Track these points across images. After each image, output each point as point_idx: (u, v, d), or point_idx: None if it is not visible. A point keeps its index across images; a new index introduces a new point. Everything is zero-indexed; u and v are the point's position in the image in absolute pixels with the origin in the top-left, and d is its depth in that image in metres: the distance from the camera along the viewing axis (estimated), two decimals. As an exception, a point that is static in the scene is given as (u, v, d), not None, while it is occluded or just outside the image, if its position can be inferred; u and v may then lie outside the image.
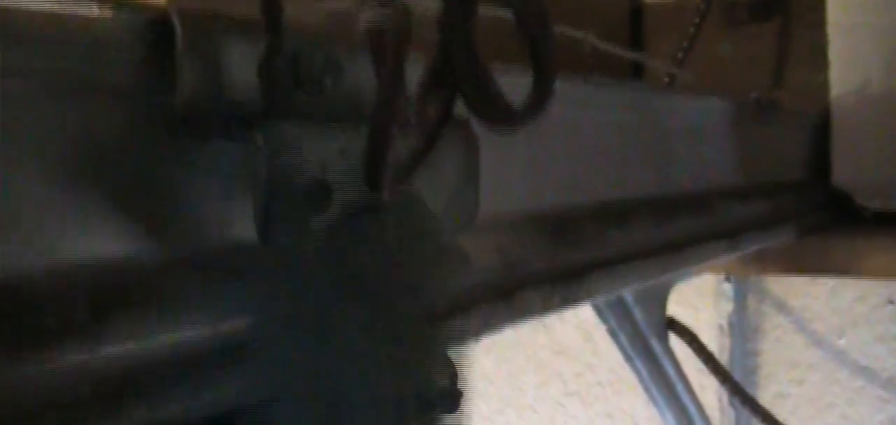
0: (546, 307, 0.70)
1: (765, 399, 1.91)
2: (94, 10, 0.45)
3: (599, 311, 1.46)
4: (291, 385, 0.47)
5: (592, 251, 0.81)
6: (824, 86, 1.58)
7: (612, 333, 1.51)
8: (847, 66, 1.57)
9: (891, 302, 1.87)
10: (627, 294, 1.46)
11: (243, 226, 0.50)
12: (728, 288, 1.99)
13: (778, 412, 1.74)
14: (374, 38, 0.45)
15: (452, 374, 0.54)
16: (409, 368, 0.51)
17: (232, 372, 0.47)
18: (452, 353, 0.55)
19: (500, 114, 0.46)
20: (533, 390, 2.24)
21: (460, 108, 0.51)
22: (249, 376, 0.48)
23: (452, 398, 0.52)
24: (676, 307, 1.64)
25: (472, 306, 0.63)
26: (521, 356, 2.24)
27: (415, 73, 0.47)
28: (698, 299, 2.01)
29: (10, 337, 0.40)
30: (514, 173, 0.77)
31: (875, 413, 1.91)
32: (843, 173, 1.56)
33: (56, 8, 0.44)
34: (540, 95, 0.45)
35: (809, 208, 1.45)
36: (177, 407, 0.44)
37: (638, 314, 1.50)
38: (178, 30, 0.46)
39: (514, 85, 0.51)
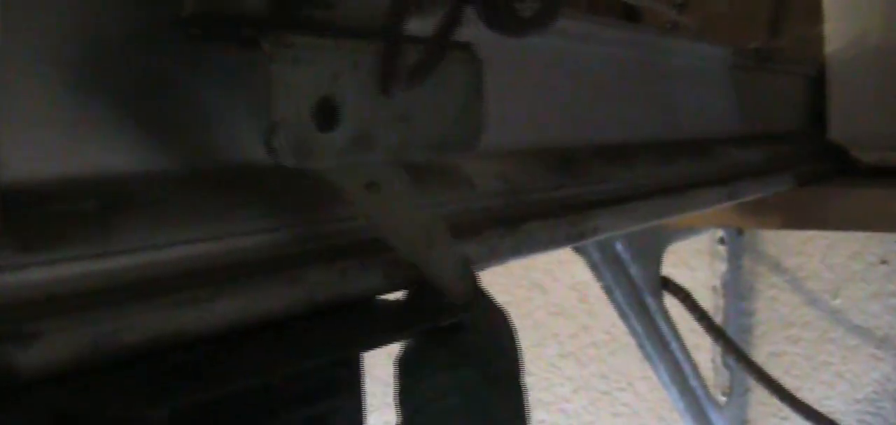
0: (551, 240, 0.70)
1: (759, 358, 1.91)
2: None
3: (595, 268, 1.46)
4: None
5: (597, 187, 0.81)
6: (820, 40, 1.58)
7: (608, 290, 1.51)
8: (843, 21, 1.57)
9: (885, 261, 1.87)
10: (623, 251, 1.46)
11: (256, 144, 0.50)
12: (722, 249, 1.99)
13: (772, 370, 1.74)
14: None
15: (472, 281, 0.54)
16: None
17: (244, 286, 0.47)
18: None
19: (511, 20, 0.46)
20: (528, 351, 2.23)
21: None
22: (260, 292, 0.48)
23: (477, 304, 0.53)
24: (672, 268, 1.64)
25: (478, 231, 0.63)
26: (517, 317, 2.22)
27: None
28: (693, 259, 2.01)
29: (22, 232, 0.40)
30: (520, 107, 0.77)
31: (869, 371, 1.91)
32: (839, 127, 1.56)
33: None
34: (549, 6, 0.45)
35: (806, 159, 1.45)
36: (187, 316, 0.44)
37: (633, 271, 1.50)
38: (187, -66, 0.46)
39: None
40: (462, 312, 0.53)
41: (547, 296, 2.21)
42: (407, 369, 0.53)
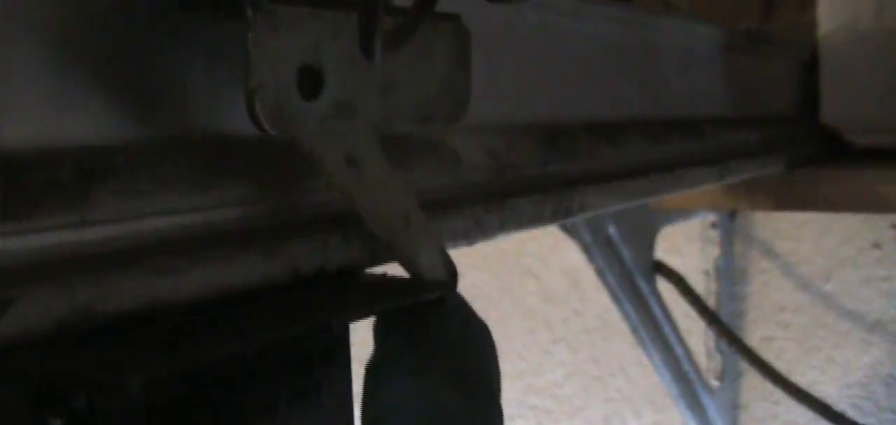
0: (538, 216, 0.70)
1: (751, 342, 1.91)
2: None
3: (587, 250, 1.46)
4: None
5: (585, 164, 0.80)
6: (813, 23, 1.58)
7: (600, 273, 1.51)
8: (836, 4, 1.57)
9: (877, 245, 1.87)
10: (615, 233, 1.46)
11: (237, 116, 0.49)
12: (715, 233, 1.99)
13: (764, 355, 1.75)
14: None
15: (451, 268, 0.54)
16: None
17: (223, 256, 0.46)
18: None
19: None
20: (520, 336, 2.24)
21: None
22: (240, 263, 0.47)
23: (452, 286, 0.52)
24: (664, 253, 1.64)
25: (464, 205, 0.62)
26: (509, 302, 2.23)
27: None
28: (685, 244, 2.01)
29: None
30: (509, 82, 0.76)
31: (860, 355, 1.92)
32: (831, 110, 1.56)
33: None
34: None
35: (798, 141, 1.45)
36: (165, 285, 0.43)
37: (626, 254, 1.50)
38: None
39: None
40: (440, 290, 0.52)
41: (539, 282, 2.21)
42: (370, 372, 0.51)
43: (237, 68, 0.50)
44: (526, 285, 2.23)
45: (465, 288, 0.56)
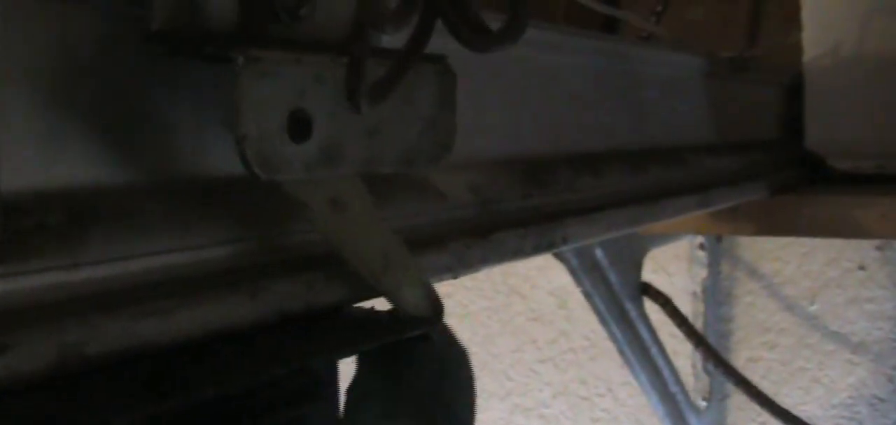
0: (520, 249, 0.71)
1: (737, 363, 1.93)
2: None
3: (574, 274, 1.47)
4: None
5: (566, 196, 0.81)
6: (798, 48, 1.59)
7: (587, 296, 1.52)
8: (820, 29, 1.58)
9: (862, 267, 1.89)
10: (602, 257, 1.47)
11: (223, 157, 0.51)
12: (702, 254, 2.00)
13: (750, 375, 1.76)
14: None
15: (435, 302, 0.55)
16: None
17: (210, 298, 0.47)
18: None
19: (477, 35, 0.47)
20: (508, 355, 2.25)
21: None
22: (227, 304, 0.48)
23: (435, 322, 0.53)
24: (651, 274, 1.65)
25: (448, 241, 0.63)
26: (497, 322, 2.25)
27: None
28: (672, 265, 2.02)
29: (-11, 246, 0.41)
30: (491, 116, 0.77)
31: (845, 376, 1.93)
32: (815, 135, 1.57)
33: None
34: (516, 18, 0.46)
35: (781, 167, 1.46)
36: (153, 327, 0.44)
37: (613, 277, 1.51)
38: (154, -48, 0.47)
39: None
40: (421, 327, 0.53)
41: (526, 302, 2.22)
42: (346, 414, 0.52)
43: (222, 109, 0.51)
44: (513, 305, 2.24)
45: (452, 307, 0.57)
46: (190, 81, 0.51)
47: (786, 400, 1.90)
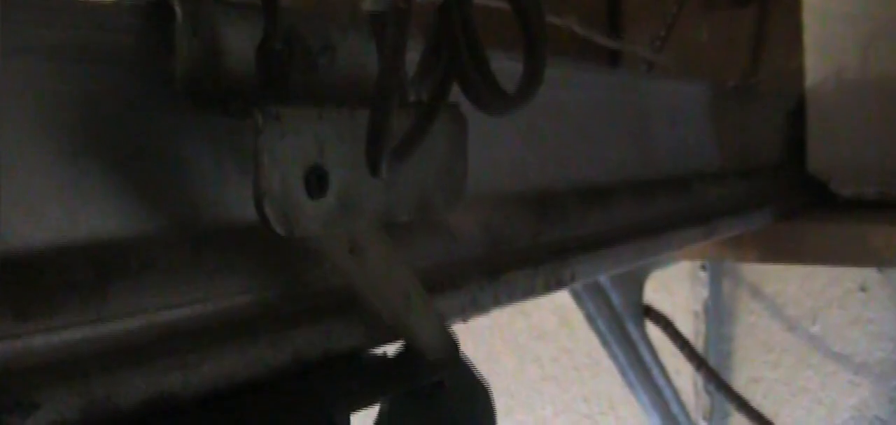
0: (530, 289, 0.72)
1: (739, 383, 1.93)
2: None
3: (577, 296, 1.48)
4: None
5: (575, 231, 0.82)
6: (801, 71, 1.60)
7: (590, 318, 1.53)
8: (822, 54, 1.59)
9: (863, 288, 1.89)
10: (605, 280, 1.48)
11: (243, 206, 0.52)
12: (704, 274, 2.01)
13: (752, 395, 1.76)
14: (376, 23, 0.46)
15: (452, 342, 0.56)
16: None
17: (232, 348, 0.48)
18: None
19: (495, 98, 0.48)
20: (510, 373, 2.25)
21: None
22: (248, 352, 0.49)
23: (454, 364, 0.54)
24: (653, 292, 1.66)
25: (460, 282, 0.64)
26: (499, 340, 2.25)
27: (412, 54, 0.49)
28: (675, 284, 2.03)
29: (18, 301, 0.42)
30: (500, 152, 0.78)
31: (847, 397, 1.93)
32: (818, 160, 1.58)
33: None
34: (531, 81, 0.47)
35: (784, 192, 1.47)
36: (177, 378, 0.45)
37: (615, 299, 1.52)
38: (178, 10, 0.48)
39: (499, 70, 0.53)
40: (441, 371, 0.54)
41: (529, 319, 2.22)
42: None
43: (242, 158, 0.52)
44: (516, 322, 2.25)
45: (457, 326, 0.59)
46: (210, 131, 0.52)
47: (787, 421, 1.91)
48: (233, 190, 0.54)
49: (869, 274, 1.88)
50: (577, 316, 1.79)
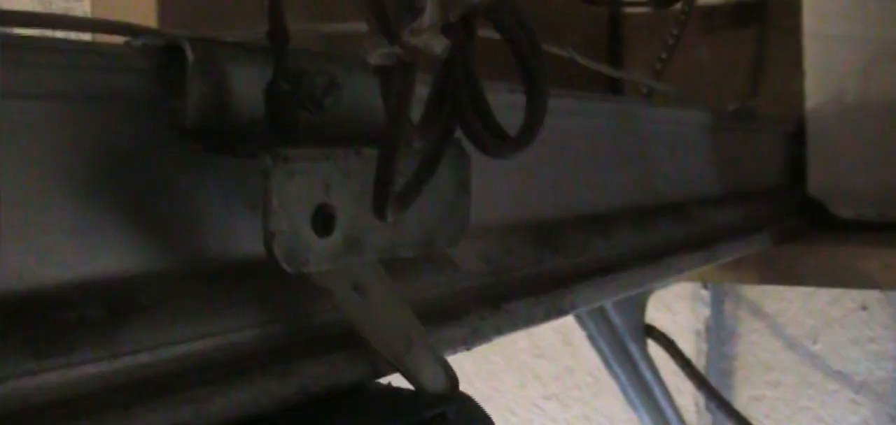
0: (531, 318, 0.73)
1: (740, 401, 1.94)
2: (114, 38, 0.48)
3: (579, 318, 1.49)
4: None
5: (576, 259, 0.84)
6: (801, 93, 1.61)
7: (592, 338, 1.54)
8: (822, 76, 1.60)
9: (864, 306, 1.90)
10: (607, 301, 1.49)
11: (250, 241, 0.53)
12: (705, 293, 2.02)
13: (753, 414, 1.77)
14: (383, 73, 0.48)
15: (451, 377, 0.57)
16: None
17: (240, 382, 0.50)
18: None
19: (497, 144, 0.49)
20: (512, 391, 2.26)
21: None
22: (256, 387, 0.50)
23: (453, 399, 0.56)
24: (655, 311, 1.67)
25: (462, 313, 0.66)
26: (501, 358, 2.26)
27: (417, 99, 0.50)
28: (676, 303, 2.04)
29: (31, 340, 0.43)
30: (502, 182, 0.80)
31: (848, 415, 1.94)
32: (817, 182, 1.59)
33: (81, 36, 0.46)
34: (532, 126, 0.48)
35: (784, 216, 1.48)
36: (188, 414, 0.46)
37: (617, 320, 1.53)
38: (189, 56, 0.49)
39: (501, 103, 0.54)
40: (442, 405, 0.55)
41: (531, 338, 2.23)
42: None
43: (250, 195, 0.54)
44: (517, 340, 2.26)
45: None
46: (218, 169, 0.54)
47: (788, 440, 1.92)
48: (241, 226, 0.55)
49: (870, 293, 1.88)
50: (578, 334, 1.80)
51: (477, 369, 2.23)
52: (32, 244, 0.45)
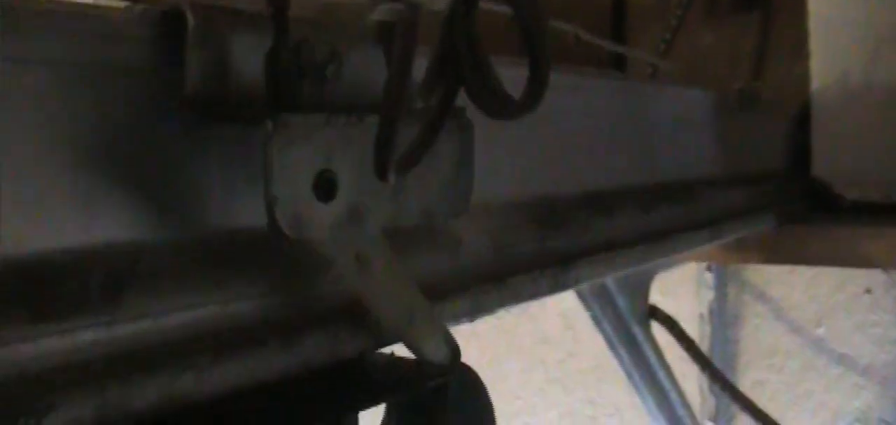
0: (535, 291, 0.73)
1: (744, 386, 1.94)
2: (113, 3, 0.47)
3: (583, 299, 1.49)
4: None
5: (579, 238, 0.83)
6: (805, 77, 1.60)
7: (596, 320, 1.53)
8: (827, 59, 1.59)
9: (868, 290, 1.90)
10: (611, 283, 1.49)
11: (252, 213, 0.53)
12: (709, 277, 2.02)
13: (756, 398, 1.77)
14: (384, 32, 0.47)
15: (454, 348, 0.57)
16: None
17: (242, 352, 0.49)
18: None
19: (500, 104, 0.49)
20: (516, 376, 2.26)
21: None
22: (258, 357, 0.50)
23: (455, 370, 0.55)
24: (658, 296, 1.67)
25: (465, 287, 0.65)
26: (505, 343, 2.26)
27: (419, 63, 0.50)
28: (680, 288, 2.03)
29: (31, 307, 0.43)
30: (505, 160, 0.79)
31: (851, 399, 1.94)
32: (822, 164, 1.58)
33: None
34: (536, 87, 0.48)
35: (789, 197, 1.48)
36: (189, 382, 0.46)
37: (621, 302, 1.53)
38: (190, 22, 0.49)
39: (506, 77, 0.54)
40: (444, 375, 0.55)
41: (535, 323, 2.23)
42: None
43: (251, 167, 0.53)
44: (521, 325, 2.26)
45: (460, 327, 0.60)
46: (219, 138, 0.53)
47: (792, 424, 1.91)
48: (242, 199, 0.55)
49: (874, 277, 1.88)
50: (582, 320, 1.80)
51: (481, 355, 2.23)
52: (31, 211, 0.45)
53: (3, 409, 0.40)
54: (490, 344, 2.26)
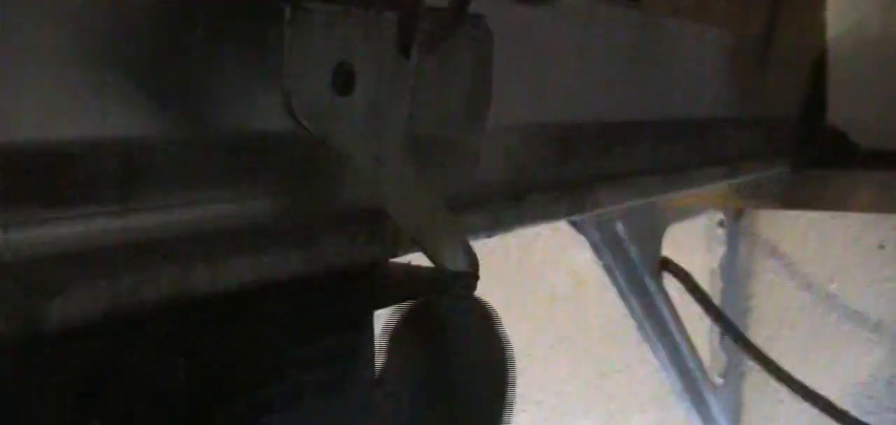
0: (553, 212, 0.72)
1: (756, 341, 1.92)
2: None
3: (596, 247, 1.48)
4: None
5: (597, 163, 0.82)
6: (822, 24, 1.59)
7: (608, 269, 1.52)
8: (845, 6, 1.58)
9: (882, 246, 1.89)
10: (623, 231, 1.48)
11: (269, 115, 0.51)
12: (721, 232, 2.00)
13: (768, 354, 1.76)
14: None
15: (472, 259, 0.56)
16: None
17: (257, 249, 0.48)
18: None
19: None
20: (525, 334, 2.25)
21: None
22: (274, 255, 0.49)
23: (472, 279, 0.54)
24: (670, 251, 1.66)
25: (483, 203, 0.64)
26: (516, 303, 2.25)
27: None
28: (692, 243, 2.02)
29: (45, 193, 0.42)
30: (524, 86, 0.78)
31: (863, 355, 1.93)
32: (838, 111, 1.57)
33: None
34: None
35: (804, 143, 1.47)
36: (203, 275, 0.45)
37: (633, 252, 1.52)
38: None
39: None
40: (463, 282, 0.54)
41: (544, 282, 2.22)
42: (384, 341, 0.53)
43: (267, 67, 0.52)
44: (530, 284, 2.25)
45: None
46: (238, 37, 0.52)
47: (803, 379, 1.90)
48: (260, 99, 0.53)
49: (888, 232, 1.87)
50: (593, 278, 1.79)
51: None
52: (45, 98, 0.44)
53: (17, 291, 0.39)
54: (500, 301, 2.25)
